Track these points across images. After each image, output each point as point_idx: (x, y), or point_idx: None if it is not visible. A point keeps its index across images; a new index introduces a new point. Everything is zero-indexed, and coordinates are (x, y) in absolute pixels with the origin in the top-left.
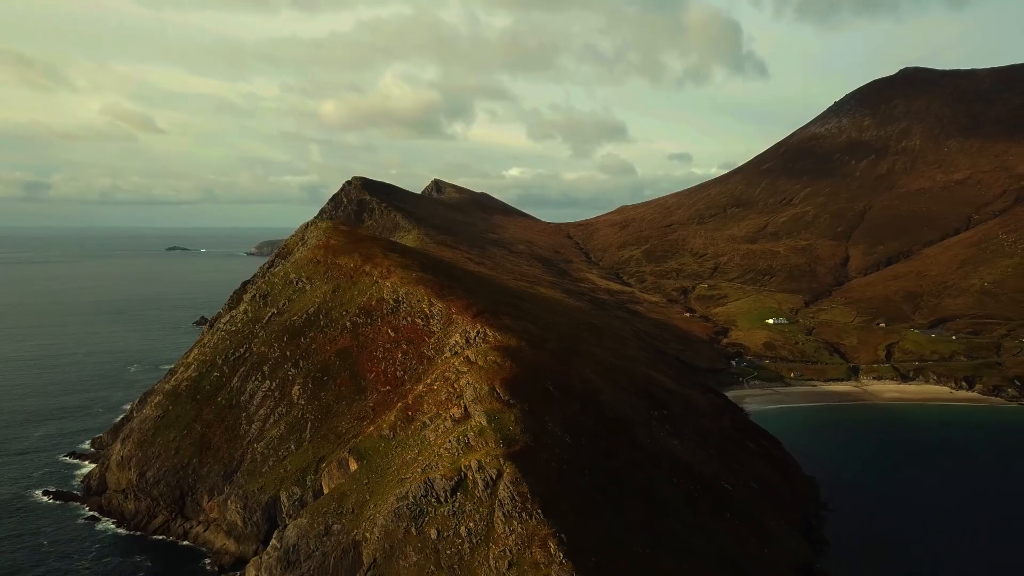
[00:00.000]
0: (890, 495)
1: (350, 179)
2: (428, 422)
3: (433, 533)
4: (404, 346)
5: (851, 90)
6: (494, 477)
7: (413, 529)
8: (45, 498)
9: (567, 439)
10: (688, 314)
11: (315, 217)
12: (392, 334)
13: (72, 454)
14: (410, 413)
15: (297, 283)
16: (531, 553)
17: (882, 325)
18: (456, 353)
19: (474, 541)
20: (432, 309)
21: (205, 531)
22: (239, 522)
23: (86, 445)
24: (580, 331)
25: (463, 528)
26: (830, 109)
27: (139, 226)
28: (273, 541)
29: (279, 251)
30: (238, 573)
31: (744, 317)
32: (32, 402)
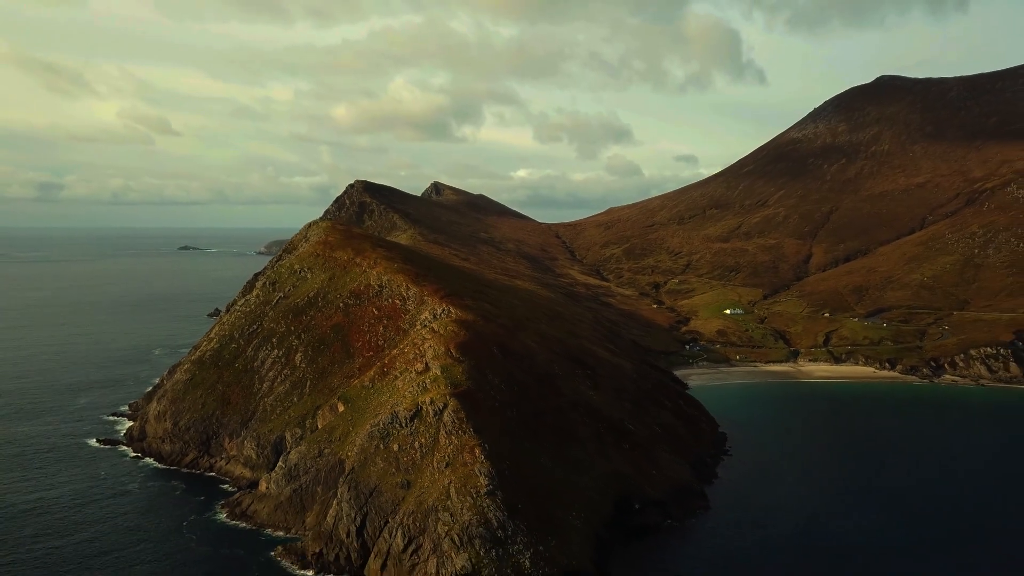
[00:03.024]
0: (788, 447)
1: (353, 182)
2: (398, 375)
3: (395, 447)
4: (385, 321)
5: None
6: (441, 408)
7: (381, 445)
8: (97, 444)
9: (502, 386)
10: (656, 306)
11: (320, 218)
12: (376, 312)
13: (114, 414)
14: (385, 369)
15: (300, 272)
16: (462, 456)
17: (826, 315)
18: (425, 326)
19: (423, 451)
20: (408, 292)
21: (227, 464)
22: (253, 456)
23: (124, 408)
24: (536, 313)
25: (416, 443)
26: (809, 115)
27: (151, 226)
28: (280, 463)
29: (286, 247)
30: (253, 489)
31: (705, 308)
32: (73, 378)
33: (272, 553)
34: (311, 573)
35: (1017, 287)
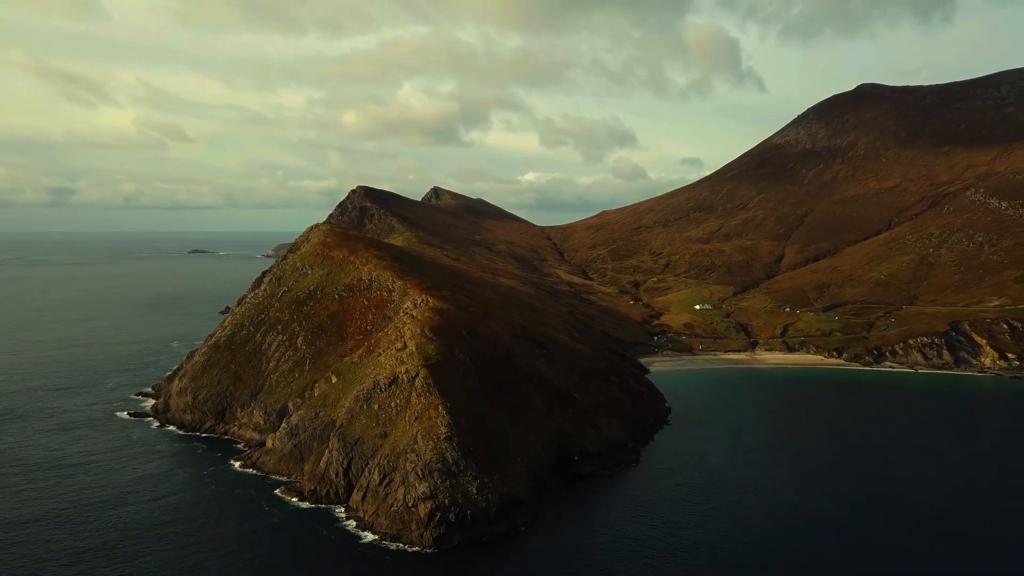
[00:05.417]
0: (724, 419)
1: (355, 188)
2: (382, 352)
3: (376, 407)
4: (374, 310)
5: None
6: (414, 376)
7: (365, 406)
8: (127, 416)
9: (467, 361)
10: (633, 302)
11: (324, 222)
12: (366, 302)
13: (139, 393)
14: (371, 348)
15: (302, 269)
16: (428, 412)
17: (788, 310)
18: (406, 313)
19: (398, 409)
20: (394, 285)
21: (239, 430)
22: (261, 422)
23: (148, 389)
24: (508, 304)
25: (393, 403)
26: (792, 122)
27: (162, 230)
28: (283, 424)
29: (291, 247)
30: (261, 447)
31: (677, 304)
32: (101, 365)
33: (276, 492)
34: (307, 504)
35: (962, 283)
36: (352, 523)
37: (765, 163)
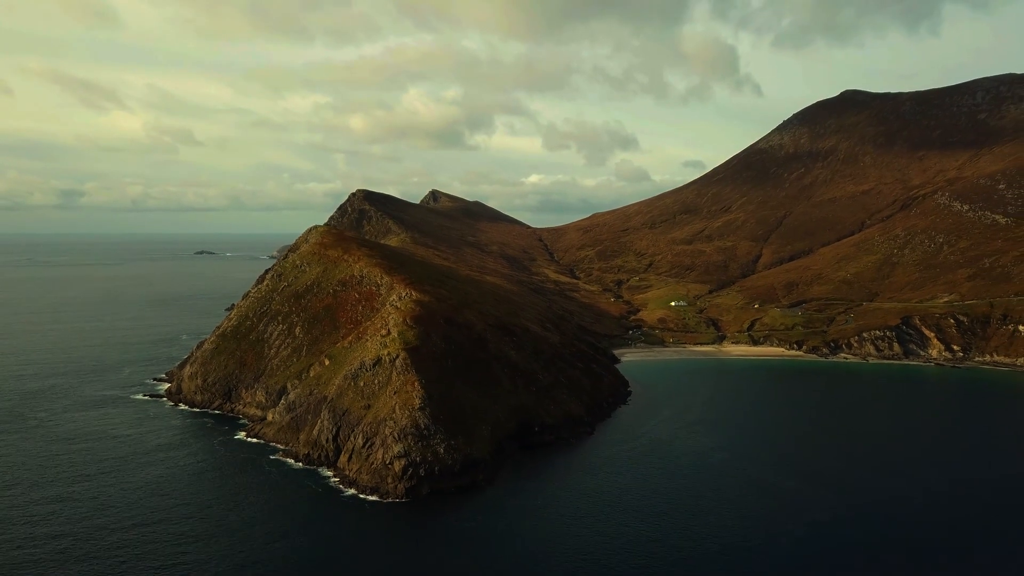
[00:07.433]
0: (679, 400)
1: (355, 191)
2: (369, 338)
3: (362, 384)
4: (364, 303)
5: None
6: (395, 358)
7: (353, 383)
8: (144, 398)
9: (443, 345)
10: (614, 299)
11: (324, 223)
12: (357, 296)
13: (153, 379)
14: (360, 335)
15: (301, 266)
16: (406, 387)
17: (756, 306)
18: (392, 305)
19: (380, 385)
20: (382, 280)
21: (243, 408)
22: (263, 400)
23: (161, 375)
24: (486, 298)
25: (376, 380)
26: (777, 127)
27: (169, 232)
28: (282, 401)
29: (291, 247)
30: (263, 421)
31: (654, 301)
32: (117, 356)
33: (274, 456)
34: (301, 465)
35: (920, 281)
36: (338, 480)
37: (750, 167)
